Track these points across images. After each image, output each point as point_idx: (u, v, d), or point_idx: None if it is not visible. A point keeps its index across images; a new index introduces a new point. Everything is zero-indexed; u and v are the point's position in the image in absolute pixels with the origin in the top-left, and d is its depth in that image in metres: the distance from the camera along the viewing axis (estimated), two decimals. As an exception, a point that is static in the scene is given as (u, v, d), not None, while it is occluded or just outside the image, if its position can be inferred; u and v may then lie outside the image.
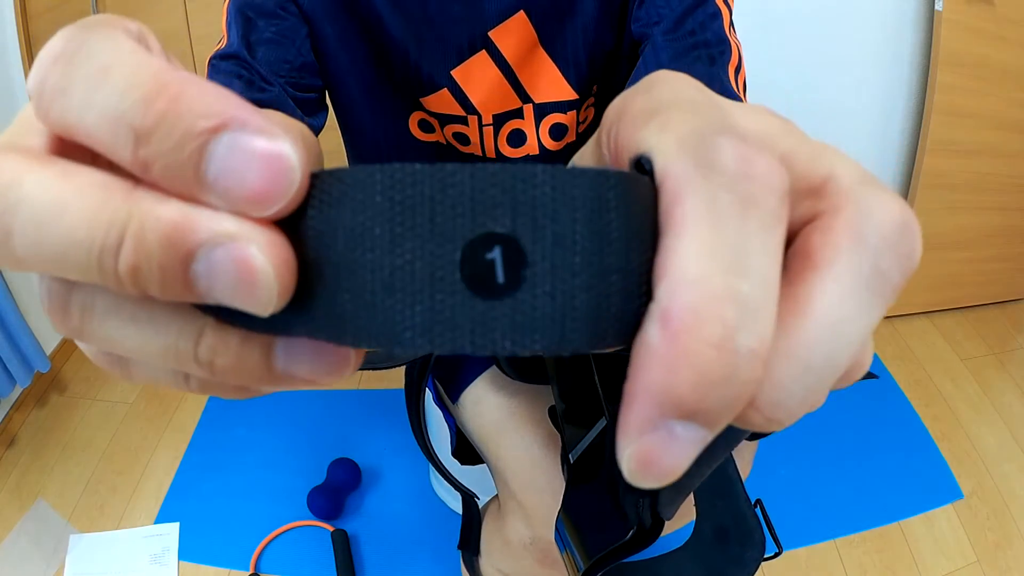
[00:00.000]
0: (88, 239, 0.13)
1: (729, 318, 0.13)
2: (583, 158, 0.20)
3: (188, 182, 0.13)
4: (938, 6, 1.59)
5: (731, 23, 0.61)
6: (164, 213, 0.13)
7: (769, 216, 0.14)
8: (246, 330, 0.15)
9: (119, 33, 0.15)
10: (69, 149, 0.15)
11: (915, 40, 1.73)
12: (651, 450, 0.14)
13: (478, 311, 0.13)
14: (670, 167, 0.14)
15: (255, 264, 0.13)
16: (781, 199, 0.14)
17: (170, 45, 1.69)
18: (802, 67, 1.74)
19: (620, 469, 0.14)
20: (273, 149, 0.13)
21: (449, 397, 0.83)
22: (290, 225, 0.15)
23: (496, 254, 0.13)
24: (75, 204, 0.13)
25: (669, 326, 0.13)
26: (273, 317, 0.14)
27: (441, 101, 0.69)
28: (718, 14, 0.59)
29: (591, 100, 0.72)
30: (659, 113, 0.16)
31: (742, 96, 0.59)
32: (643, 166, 0.15)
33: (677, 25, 0.59)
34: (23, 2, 1.66)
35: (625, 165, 0.16)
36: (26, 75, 1.73)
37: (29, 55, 1.71)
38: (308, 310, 0.14)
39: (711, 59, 0.58)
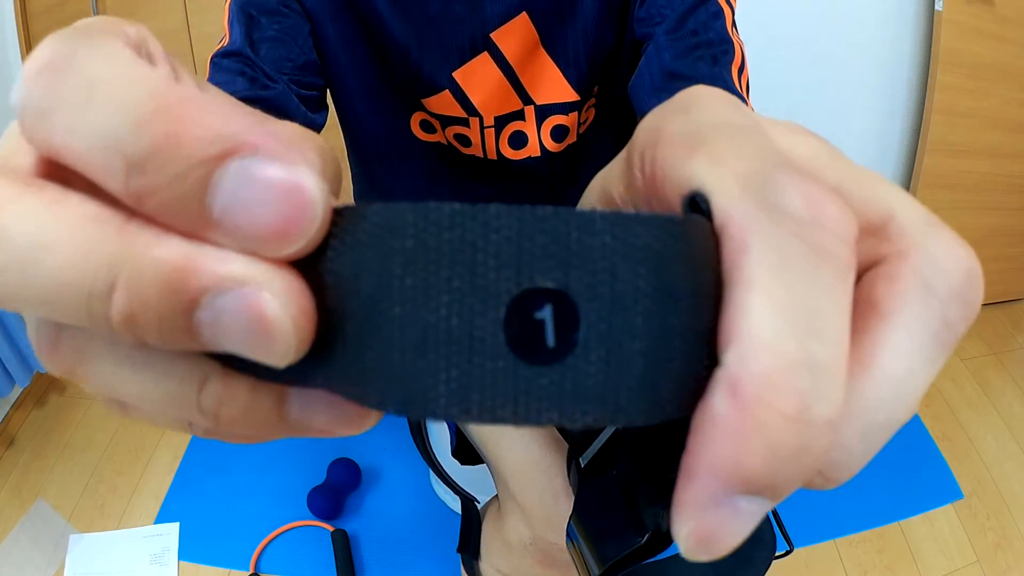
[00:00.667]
0: (77, 282, 0.12)
1: (805, 387, 0.12)
2: (610, 177, 0.18)
3: (190, 218, 0.12)
4: (938, 6, 1.59)
5: (733, 23, 0.60)
6: (162, 254, 0.12)
7: (842, 267, 0.13)
8: (256, 379, 0.14)
9: (115, 41, 0.13)
10: (62, 170, 0.13)
11: (915, 40, 1.73)
12: (714, 527, 0.12)
13: (522, 377, 0.12)
14: (733, 211, 0.13)
15: (268, 313, 0.12)
16: (852, 248, 0.13)
17: (170, 44, 1.69)
18: (802, 67, 1.74)
19: (638, 482, 0.13)
20: (291, 179, 0.11)
21: None
22: (307, 266, 0.13)
23: (546, 313, 0.12)
24: (62, 241, 0.11)
25: (740, 396, 0.12)
26: (289, 367, 0.13)
27: (442, 102, 0.69)
28: (720, 13, 0.59)
29: (592, 101, 0.72)
30: (705, 142, 0.14)
31: (746, 96, 0.59)
32: (698, 204, 0.13)
33: (679, 24, 0.58)
34: (23, 2, 1.66)
35: (665, 193, 0.15)
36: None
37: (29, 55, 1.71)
38: (329, 363, 0.13)
39: (714, 59, 0.57)
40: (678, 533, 0.13)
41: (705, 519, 0.12)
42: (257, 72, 0.57)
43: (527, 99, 0.69)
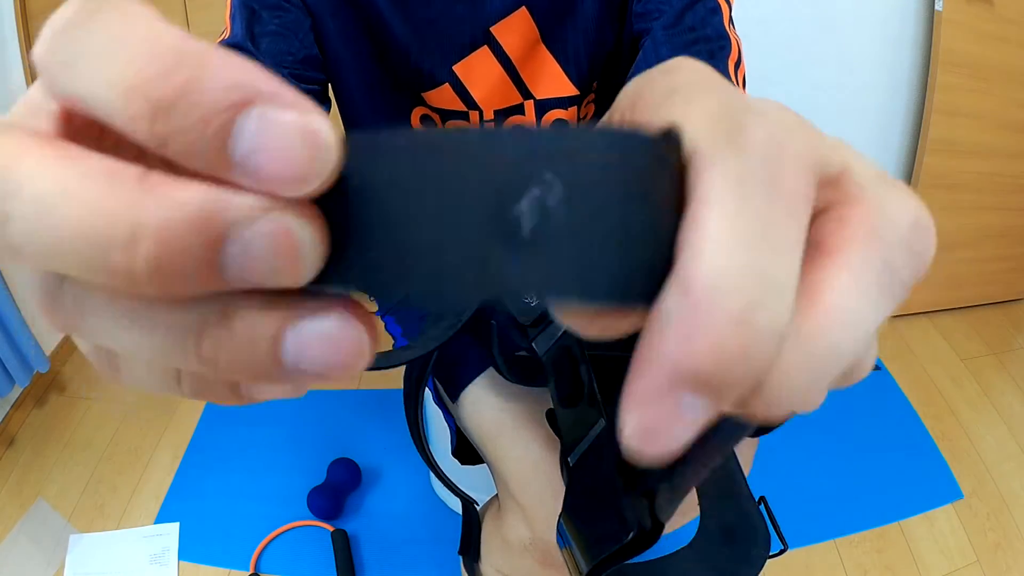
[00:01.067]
0: (94, 233, 0.12)
1: (751, 293, 0.13)
2: None
3: (212, 160, 0.12)
4: (938, 6, 1.59)
5: (731, 19, 0.61)
6: (186, 196, 0.12)
7: (798, 198, 0.14)
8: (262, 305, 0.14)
9: (134, 2, 0.13)
10: (79, 135, 0.14)
11: (915, 40, 1.73)
12: (656, 420, 0.13)
13: (506, 261, 0.13)
14: (701, 137, 0.14)
15: (297, 236, 0.13)
16: (810, 183, 0.14)
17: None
18: (802, 67, 1.74)
19: (617, 461, 0.14)
20: (308, 125, 0.12)
21: (448, 396, 0.83)
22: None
23: (527, 206, 0.13)
24: (80, 190, 0.12)
25: (690, 295, 0.13)
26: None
27: (442, 96, 0.69)
28: (718, 9, 0.60)
29: (591, 96, 0.72)
30: (681, 91, 0.16)
31: (742, 91, 0.60)
32: (672, 137, 0.15)
33: (677, 20, 0.59)
34: (23, 2, 1.66)
35: None
36: (26, 75, 1.73)
37: (30, 55, 1.71)
38: (342, 267, 0.14)
39: (711, 54, 0.58)
40: (624, 428, 0.14)
41: (649, 412, 0.13)
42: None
43: (527, 93, 0.70)
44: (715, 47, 0.59)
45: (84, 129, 0.14)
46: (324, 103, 0.67)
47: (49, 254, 0.12)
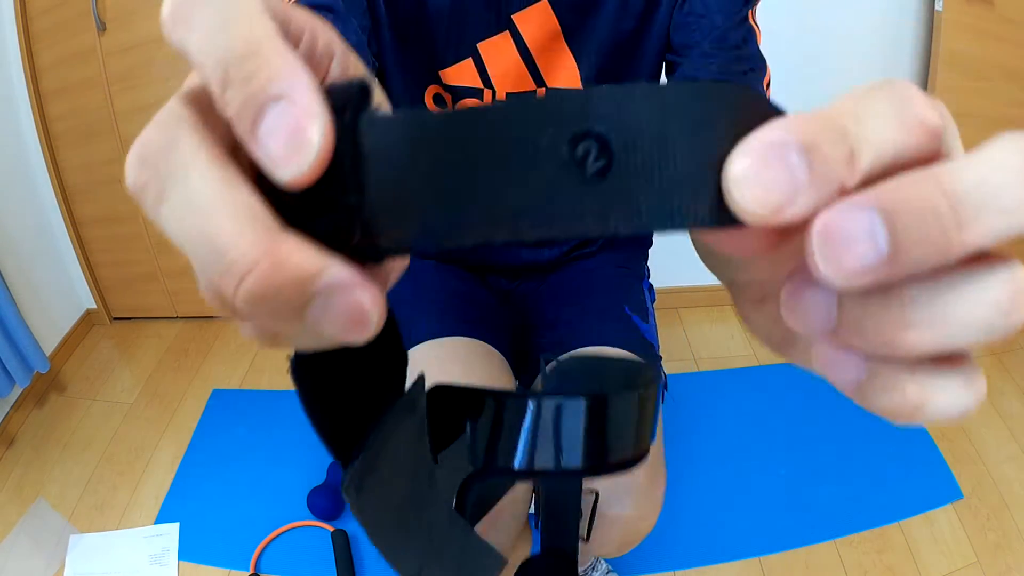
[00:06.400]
0: (218, 250, 0.15)
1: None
2: None
3: (245, 131, 0.16)
4: (938, 6, 1.59)
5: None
6: (298, 258, 0.15)
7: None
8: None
9: None
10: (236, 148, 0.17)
11: (915, 40, 1.73)
12: (763, 167, 0.15)
13: (576, 194, 0.15)
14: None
15: (366, 309, 0.16)
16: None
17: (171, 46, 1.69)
18: (802, 66, 1.73)
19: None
20: (300, 126, 0.16)
21: None
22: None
23: (591, 147, 0.15)
24: (224, 217, 0.15)
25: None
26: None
27: (462, 72, 0.71)
28: (754, 32, 0.65)
29: None
30: None
31: None
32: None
33: (723, 38, 0.64)
34: (23, 2, 1.66)
35: None
36: (26, 74, 1.73)
37: (29, 55, 1.71)
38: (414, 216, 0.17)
39: (754, 71, 0.64)
40: (732, 168, 0.15)
41: (757, 157, 0.15)
42: (337, 22, 0.58)
43: (541, 82, 0.73)
44: (756, 66, 0.64)
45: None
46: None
47: (177, 239, 0.16)
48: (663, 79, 0.72)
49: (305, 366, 0.23)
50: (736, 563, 1.39)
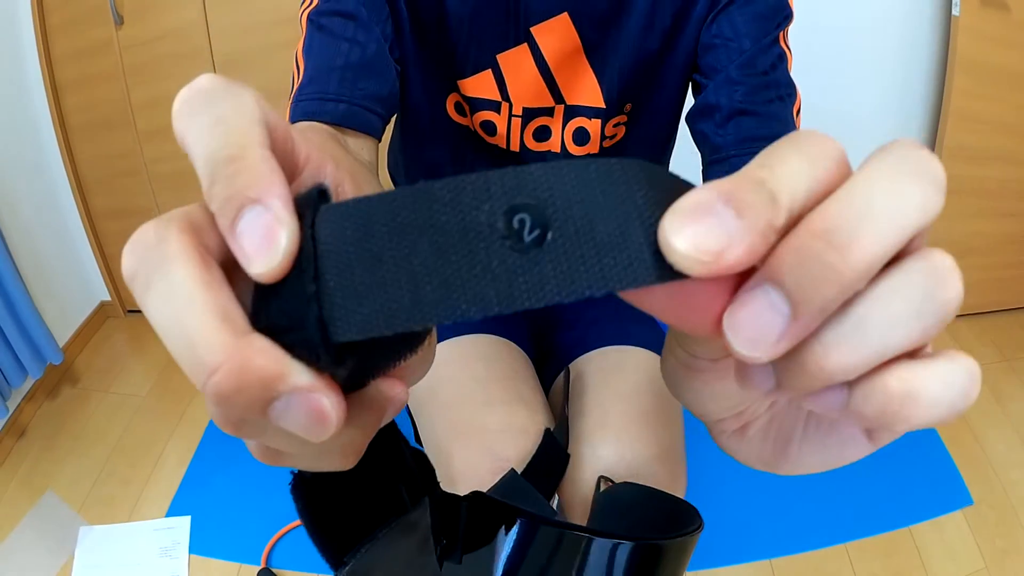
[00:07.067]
0: (191, 344, 0.17)
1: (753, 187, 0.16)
2: None
3: (225, 226, 0.18)
4: (955, 11, 1.58)
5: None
6: (266, 363, 0.17)
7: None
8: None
9: (246, 95, 0.20)
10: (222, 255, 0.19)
11: (932, 45, 1.73)
12: (698, 225, 0.16)
13: (514, 265, 0.16)
14: None
15: (326, 411, 0.17)
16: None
17: (187, 39, 1.69)
18: (819, 72, 1.73)
19: None
20: (269, 232, 0.17)
21: None
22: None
23: (526, 218, 0.16)
24: (199, 314, 0.17)
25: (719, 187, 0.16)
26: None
27: (481, 83, 0.69)
28: (784, 56, 0.62)
29: (622, 119, 0.72)
30: None
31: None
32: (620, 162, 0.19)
33: (751, 62, 0.61)
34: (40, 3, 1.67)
35: None
36: (42, 67, 1.73)
37: (46, 47, 1.72)
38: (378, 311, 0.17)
39: (780, 99, 0.61)
40: (667, 225, 0.16)
41: (688, 213, 0.16)
42: (359, 30, 0.57)
43: (559, 98, 0.70)
44: (784, 93, 0.61)
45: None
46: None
47: (157, 327, 0.18)
48: (689, 98, 0.70)
49: (305, 485, 0.25)
50: (747, 565, 1.39)
